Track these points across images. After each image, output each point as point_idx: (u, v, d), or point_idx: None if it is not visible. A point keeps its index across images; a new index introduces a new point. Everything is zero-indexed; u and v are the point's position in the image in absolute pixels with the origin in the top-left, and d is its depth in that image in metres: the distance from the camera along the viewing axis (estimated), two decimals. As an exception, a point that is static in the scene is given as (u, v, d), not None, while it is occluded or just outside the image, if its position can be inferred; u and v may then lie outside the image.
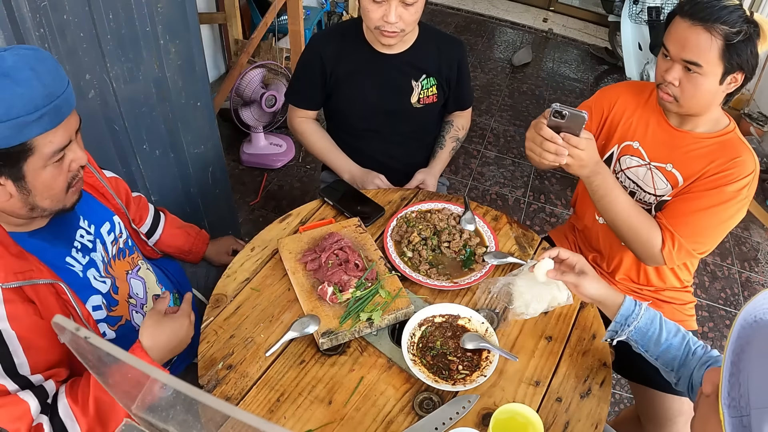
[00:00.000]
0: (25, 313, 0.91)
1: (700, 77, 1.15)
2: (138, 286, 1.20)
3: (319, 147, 1.74)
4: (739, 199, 1.20)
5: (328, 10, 3.98)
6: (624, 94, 1.38)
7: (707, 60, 1.12)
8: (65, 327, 0.50)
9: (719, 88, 1.17)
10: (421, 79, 1.63)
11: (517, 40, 4.71)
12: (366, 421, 1.03)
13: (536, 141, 1.14)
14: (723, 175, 1.20)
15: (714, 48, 1.11)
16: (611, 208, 1.24)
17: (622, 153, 1.38)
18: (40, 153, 0.89)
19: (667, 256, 1.23)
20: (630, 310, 1.07)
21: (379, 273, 1.24)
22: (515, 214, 2.87)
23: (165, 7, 1.44)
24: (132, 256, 1.23)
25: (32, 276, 0.93)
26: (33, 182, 0.92)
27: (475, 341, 1.13)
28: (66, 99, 0.90)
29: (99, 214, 1.17)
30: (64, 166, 0.95)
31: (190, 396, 0.47)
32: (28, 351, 0.90)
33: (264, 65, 2.77)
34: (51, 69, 0.89)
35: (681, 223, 1.22)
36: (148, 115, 1.55)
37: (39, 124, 0.86)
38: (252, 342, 1.14)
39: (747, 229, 2.98)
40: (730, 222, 1.23)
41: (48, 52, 0.92)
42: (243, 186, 2.83)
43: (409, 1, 1.40)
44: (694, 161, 1.25)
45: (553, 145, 1.12)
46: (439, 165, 1.78)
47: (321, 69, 1.60)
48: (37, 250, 0.99)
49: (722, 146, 1.23)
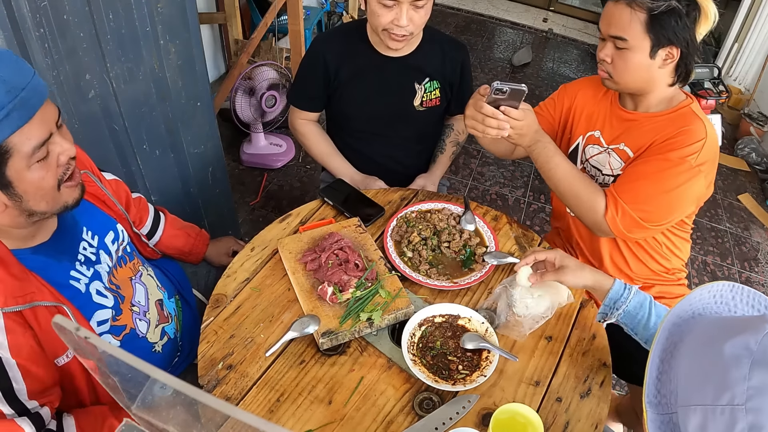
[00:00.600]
0: (25, 342, 0.88)
1: (628, 52, 1.19)
2: (140, 292, 1.19)
3: (320, 151, 1.73)
4: (685, 167, 1.18)
5: (328, 10, 3.98)
6: (584, 88, 1.43)
7: (632, 34, 1.16)
8: (65, 327, 0.50)
9: (652, 63, 1.19)
10: (425, 82, 1.63)
11: (517, 40, 4.71)
12: (366, 421, 1.03)
13: (477, 118, 1.20)
14: (668, 143, 1.21)
15: (636, 21, 1.15)
16: (554, 175, 1.27)
17: (586, 143, 1.42)
18: (20, 152, 0.84)
19: (610, 221, 1.23)
20: (618, 293, 1.09)
21: (379, 273, 1.24)
22: (515, 214, 2.87)
23: (165, 7, 1.44)
24: (132, 262, 1.22)
25: (34, 298, 0.90)
26: (21, 186, 0.87)
27: (475, 341, 1.13)
28: (33, 90, 0.84)
29: (102, 224, 1.15)
30: (51, 162, 0.90)
31: (190, 396, 0.47)
32: (26, 377, 0.89)
33: (267, 65, 2.77)
34: (8, 63, 0.83)
35: (624, 190, 1.22)
36: (148, 115, 1.55)
37: (8, 122, 0.81)
38: (252, 342, 1.14)
39: (747, 229, 2.98)
40: (679, 192, 1.20)
41: (4, 48, 0.86)
42: (243, 186, 2.83)
43: (419, 4, 1.39)
44: (644, 135, 1.27)
45: (495, 120, 1.17)
46: (440, 170, 1.78)
47: (324, 71, 1.60)
48: (40, 268, 0.96)
49: (673, 119, 1.24)
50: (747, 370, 0.63)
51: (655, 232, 1.29)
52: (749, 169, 3.41)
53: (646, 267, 1.43)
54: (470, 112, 1.22)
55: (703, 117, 1.23)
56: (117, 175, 1.32)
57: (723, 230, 2.94)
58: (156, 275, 1.30)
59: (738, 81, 3.98)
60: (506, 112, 1.18)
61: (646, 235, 1.29)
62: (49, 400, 0.94)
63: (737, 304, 0.81)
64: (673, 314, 0.79)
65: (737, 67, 3.99)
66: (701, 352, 0.70)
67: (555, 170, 1.27)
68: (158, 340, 1.20)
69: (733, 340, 0.66)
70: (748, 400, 0.61)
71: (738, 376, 0.63)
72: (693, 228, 1.46)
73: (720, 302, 0.81)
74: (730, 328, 0.70)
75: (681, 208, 1.24)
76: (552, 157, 1.26)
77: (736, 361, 0.64)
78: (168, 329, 1.24)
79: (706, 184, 1.24)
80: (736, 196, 3.19)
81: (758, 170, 3.38)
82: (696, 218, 2.96)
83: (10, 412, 0.87)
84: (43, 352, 0.92)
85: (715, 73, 2.98)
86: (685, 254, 1.48)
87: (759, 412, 0.61)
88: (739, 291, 0.81)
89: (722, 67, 4.03)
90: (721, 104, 3.68)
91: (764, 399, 0.61)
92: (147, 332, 1.17)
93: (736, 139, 3.61)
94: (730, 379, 0.63)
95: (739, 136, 3.62)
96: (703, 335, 0.72)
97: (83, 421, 0.99)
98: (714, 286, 0.81)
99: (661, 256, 1.42)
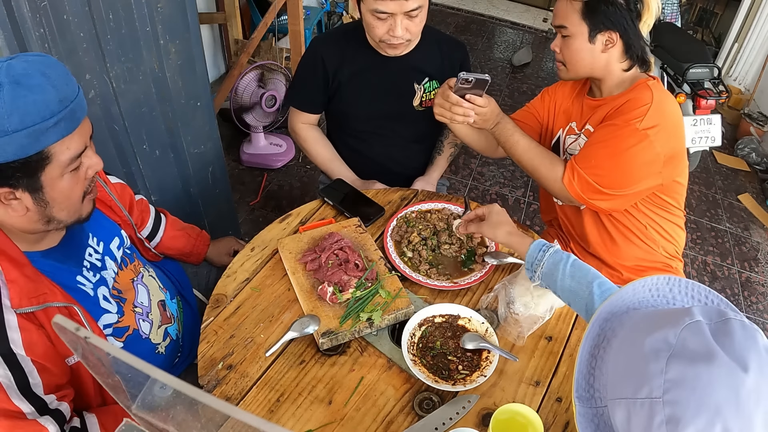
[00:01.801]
0: (38, 339, 0.90)
1: (570, 39, 1.32)
2: (143, 293, 1.20)
3: (321, 156, 1.73)
4: (629, 131, 1.25)
5: (328, 10, 3.98)
6: (560, 87, 1.55)
7: (570, 21, 1.30)
8: (65, 327, 0.50)
9: (593, 48, 1.30)
10: (424, 82, 1.63)
11: (517, 40, 4.71)
12: (366, 421, 1.03)
13: (445, 106, 1.33)
14: (617, 111, 1.31)
15: (573, 10, 1.29)
16: (516, 150, 1.40)
17: (566, 135, 1.50)
18: (58, 161, 0.88)
19: (568, 185, 1.32)
20: (534, 255, 1.12)
21: (379, 273, 1.24)
22: (515, 214, 2.87)
23: (165, 7, 1.44)
24: (134, 263, 1.22)
25: (46, 299, 0.92)
26: (51, 193, 0.90)
27: (475, 341, 1.13)
28: (79, 103, 0.89)
29: (108, 230, 1.17)
30: (81, 173, 0.94)
31: (190, 396, 0.47)
32: (42, 372, 0.90)
33: (262, 65, 2.77)
34: (62, 74, 0.87)
35: (579, 157, 1.33)
36: (148, 115, 1.55)
37: (56, 130, 0.85)
38: (252, 342, 1.14)
39: (747, 229, 2.98)
40: (628, 156, 1.27)
41: (55, 58, 0.91)
42: (243, 186, 2.83)
43: (413, 13, 1.39)
44: (602, 113, 1.37)
45: (461, 108, 1.31)
46: (437, 172, 1.79)
47: (323, 72, 1.59)
48: (50, 271, 0.98)
49: (626, 95, 1.33)
50: (664, 364, 0.64)
51: (618, 200, 1.33)
52: (749, 169, 3.42)
53: (636, 248, 1.46)
54: (438, 101, 1.34)
55: (656, 88, 1.30)
56: (117, 176, 1.32)
57: (723, 230, 2.94)
58: (157, 276, 1.30)
59: (738, 81, 3.98)
60: (471, 100, 1.31)
61: (611, 204, 1.34)
62: (65, 394, 0.95)
63: (675, 296, 0.81)
64: (604, 310, 0.80)
65: (737, 67, 3.99)
66: (627, 346, 0.71)
67: (516, 146, 1.39)
68: (161, 341, 1.20)
69: (654, 334, 0.68)
70: (665, 392, 0.63)
71: (656, 369, 0.64)
72: (686, 215, 1.48)
73: (657, 295, 0.81)
74: (655, 322, 0.71)
75: (633, 173, 1.29)
76: (512, 134, 1.39)
77: (655, 354, 0.66)
78: (171, 330, 1.24)
79: (661, 151, 1.27)
80: (736, 196, 3.19)
81: (758, 170, 3.39)
82: (696, 218, 2.98)
83: (30, 410, 0.89)
84: (56, 350, 0.94)
85: (715, 73, 2.98)
86: (679, 242, 1.51)
87: (676, 405, 0.62)
88: (677, 283, 0.81)
89: (722, 67, 4.03)
90: (721, 104, 3.68)
91: (680, 392, 0.62)
92: (150, 333, 1.17)
93: (736, 139, 3.61)
94: (648, 373, 0.65)
95: (739, 136, 3.62)
96: (633, 329, 0.73)
97: (105, 419, 1.00)
98: (648, 280, 0.81)
99: (649, 239, 1.45)
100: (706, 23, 4.60)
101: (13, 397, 0.87)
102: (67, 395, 0.96)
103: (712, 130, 2.91)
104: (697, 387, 0.62)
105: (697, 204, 3.10)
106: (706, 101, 2.88)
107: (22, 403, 0.88)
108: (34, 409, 0.89)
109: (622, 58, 1.32)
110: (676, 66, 3.02)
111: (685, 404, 0.62)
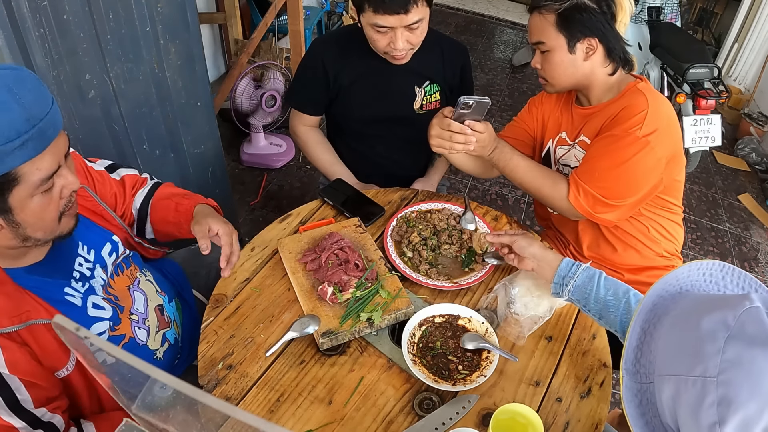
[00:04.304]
0: (21, 357, 0.88)
1: (550, 53, 1.29)
2: (139, 300, 1.17)
3: (322, 160, 1.73)
4: (630, 140, 1.23)
5: (328, 10, 3.98)
6: (548, 97, 1.52)
7: (547, 36, 1.28)
8: (65, 327, 0.50)
9: (575, 58, 1.28)
10: (425, 86, 1.63)
11: (517, 40, 4.71)
12: (366, 421, 1.03)
13: (444, 136, 1.28)
14: (614, 121, 1.29)
15: (548, 24, 1.27)
16: (516, 173, 1.37)
17: (556, 146, 1.48)
18: (27, 182, 0.82)
19: (574, 202, 1.30)
20: (566, 269, 1.12)
21: (379, 273, 1.24)
22: (515, 214, 2.87)
23: (165, 7, 1.44)
24: (130, 269, 1.19)
25: (29, 317, 0.89)
26: (21, 215, 0.85)
27: (475, 341, 1.13)
28: (51, 121, 0.82)
29: (99, 236, 1.12)
30: (54, 194, 0.88)
31: (190, 396, 0.47)
32: (29, 388, 0.88)
33: (262, 65, 2.77)
34: (32, 89, 0.81)
35: (581, 171, 1.31)
36: (148, 115, 1.55)
37: (22, 151, 0.79)
38: (252, 342, 1.14)
39: (747, 229, 2.98)
40: (631, 165, 1.25)
41: (30, 71, 0.84)
42: (243, 186, 2.83)
43: (414, 26, 1.38)
44: (597, 122, 1.35)
45: (463, 135, 1.26)
46: (437, 175, 1.79)
47: (324, 75, 1.59)
48: (36, 286, 0.94)
49: (619, 101, 1.31)
50: (722, 344, 0.64)
51: (624, 209, 1.31)
52: (749, 169, 3.41)
53: (634, 251, 1.45)
54: (436, 132, 1.29)
55: (648, 91, 1.29)
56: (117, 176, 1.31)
57: (723, 230, 2.94)
58: (155, 279, 1.28)
59: (738, 81, 3.98)
60: (471, 126, 1.26)
61: (618, 214, 1.32)
62: (58, 405, 0.93)
63: (727, 284, 0.81)
64: (658, 287, 0.80)
65: (737, 67, 3.99)
66: (681, 325, 0.71)
67: (516, 169, 1.36)
68: (159, 346, 1.19)
69: (711, 314, 0.67)
70: (720, 373, 0.62)
71: (713, 349, 0.64)
72: (684, 212, 1.48)
73: (710, 281, 0.81)
74: (712, 303, 0.70)
75: (638, 181, 1.28)
76: (511, 158, 1.36)
77: (712, 335, 0.65)
78: (169, 335, 1.23)
79: (663, 155, 1.26)
80: (736, 196, 3.19)
81: (758, 170, 3.38)
82: (696, 218, 2.98)
83: (22, 425, 0.86)
84: (43, 366, 0.92)
85: (715, 73, 2.98)
86: (679, 240, 1.50)
87: (730, 385, 0.62)
88: (729, 271, 0.82)
89: (722, 67, 4.03)
90: (721, 104, 3.67)
91: (736, 372, 0.62)
92: (147, 340, 1.15)
93: (736, 139, 3.61)
94: (704, 352, 0.64)
95: (739, 136, 3.62)
96: (686, 310, 0.73)
97: (102, 426, 0.99)
98: (703, 264, 0.81)
99: (651, 240, 1.44)
100: (706, 23, 4.60)
101: (3, 414, 0.85)
102: (60, 406, 0.94)
103: (712, 130, 2.91)
104: (753, 371, 0.61)
105: (697, 204, 3.10)
106: (706, 101, 2.87)
107: (13, 419, 0.85)
108: (26, 424, 0.87)
109: (605, 63, 1.30)
110: (676, 66, 3.02)
111: (739, 387, 0.61)
